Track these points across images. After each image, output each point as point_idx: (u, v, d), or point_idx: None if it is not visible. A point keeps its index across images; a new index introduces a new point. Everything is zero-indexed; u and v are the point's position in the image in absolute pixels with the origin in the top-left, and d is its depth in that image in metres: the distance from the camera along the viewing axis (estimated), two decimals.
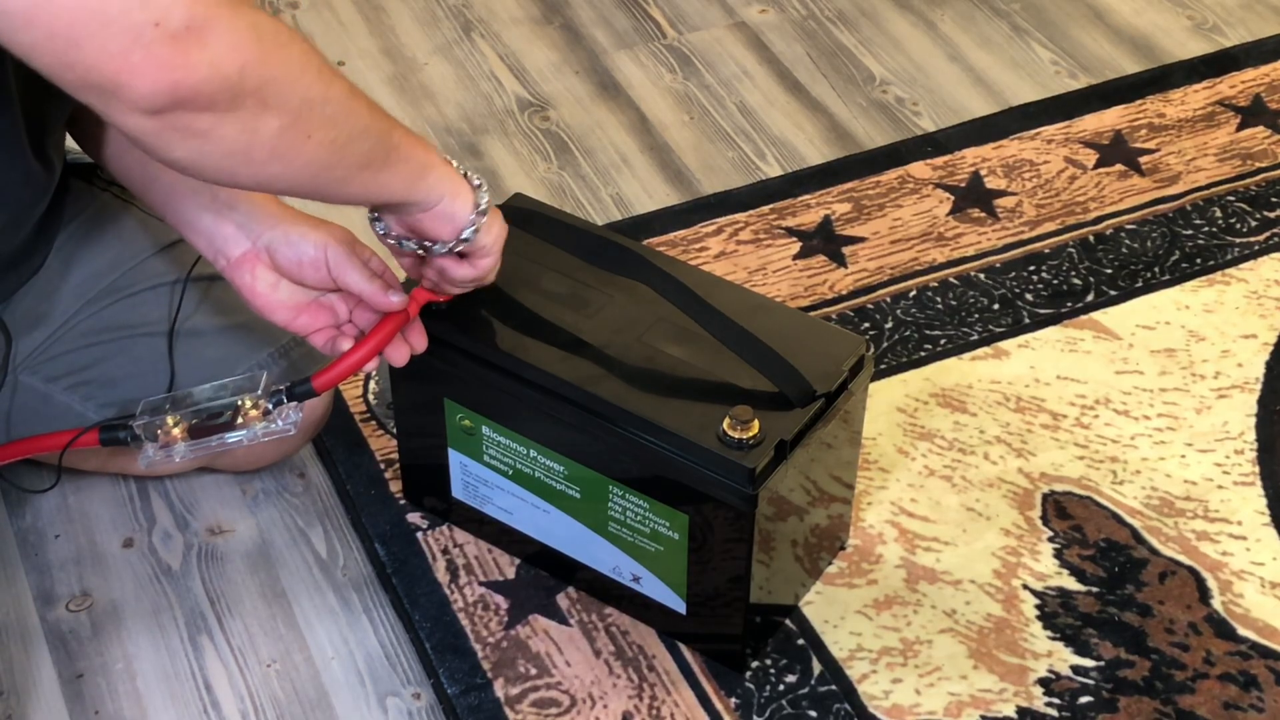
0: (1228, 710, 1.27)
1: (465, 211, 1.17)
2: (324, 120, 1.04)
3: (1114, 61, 1.97)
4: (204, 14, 0.93)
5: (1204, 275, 1.65)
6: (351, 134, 1.07)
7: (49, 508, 1.42)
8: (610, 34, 2.02)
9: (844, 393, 1.24)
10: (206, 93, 0.96)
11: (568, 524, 1.30)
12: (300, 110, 1.02)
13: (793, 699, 1.27)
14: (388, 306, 1.21)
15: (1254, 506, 1.42)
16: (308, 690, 1.29)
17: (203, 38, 0.93)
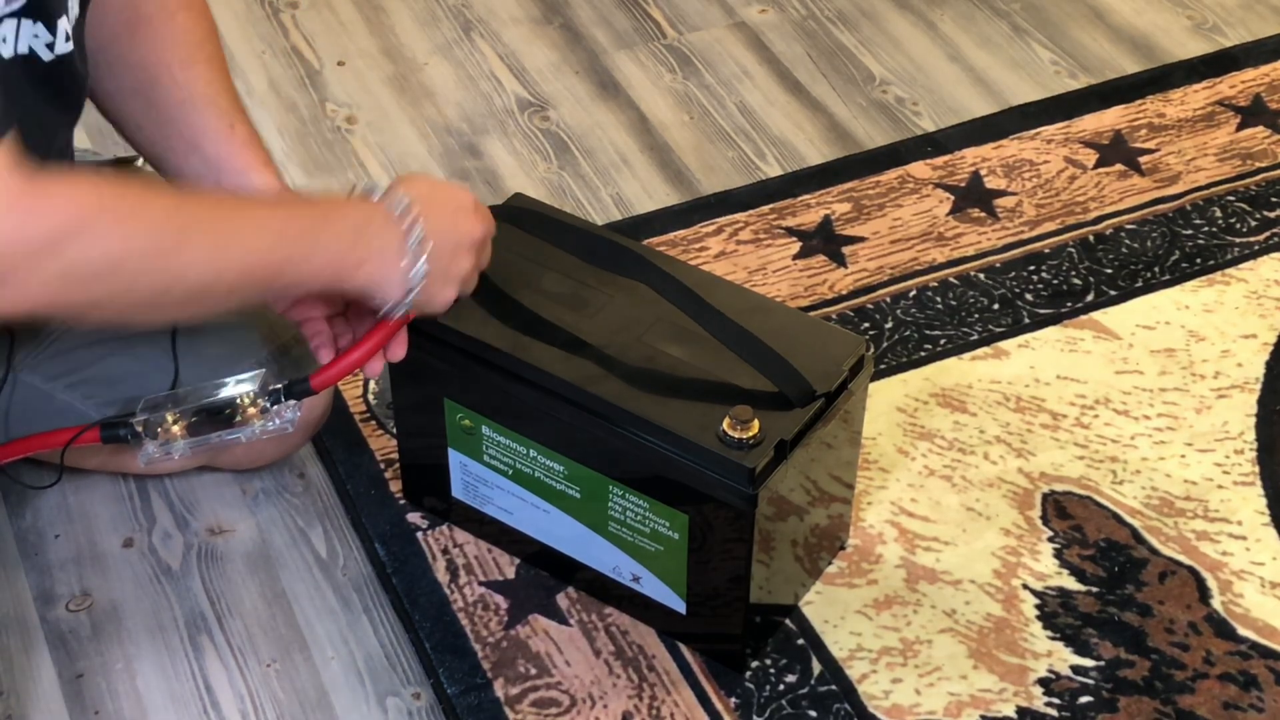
0: (1228, 710, 1.27)
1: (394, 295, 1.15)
2: (164, 305, 1.07)
3: (1114, 61, 1.97)
4: (1, 265, 0.96)
5: (1204, 275, 1.65)
6: (209, 301, 1.09)
7: (49, 507, 1.42)
8: (610, 34, 2.02)
9: (844, 393, 1.24)
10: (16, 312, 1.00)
11: (568, 524, 1.30)
12: (127, 308, 1.06)
13: (793, 699, 1.27)
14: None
15: (1254, 506, 1.42)
16: (307, 690, 1.29)
17: (2, 284, 0.97)
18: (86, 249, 0.99)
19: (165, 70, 1.24)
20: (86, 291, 1.02)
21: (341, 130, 1.86)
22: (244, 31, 2.01)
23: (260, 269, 1.09)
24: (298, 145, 1.83)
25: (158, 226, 1.03)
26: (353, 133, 1.86)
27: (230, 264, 1.06)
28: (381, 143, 1.84)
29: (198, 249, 1.05)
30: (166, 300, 1.06)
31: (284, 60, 1.97)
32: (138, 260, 1.02)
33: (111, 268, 1.01)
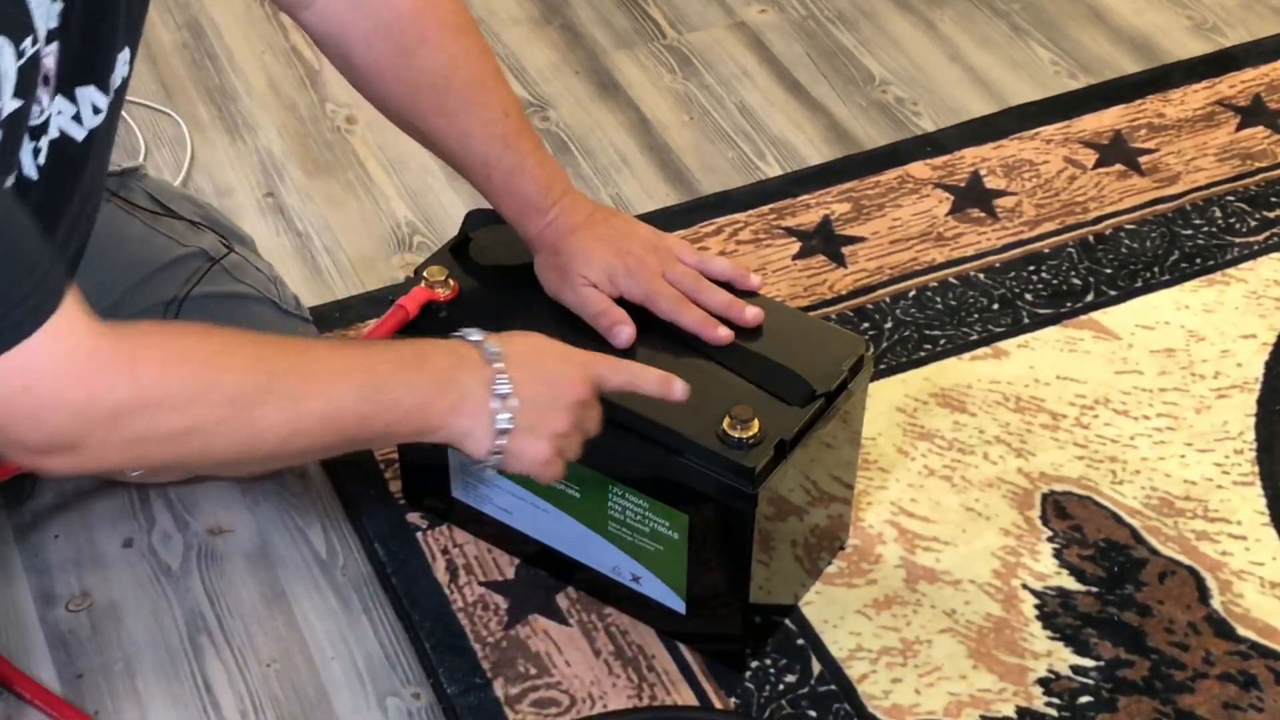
0: (1227, 710, 1.27)
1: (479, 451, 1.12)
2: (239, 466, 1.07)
3: (1114, 61, 1.97)
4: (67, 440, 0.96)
5: (1204, 275, 1.65)
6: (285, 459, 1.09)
7: (49, 508, 1.42)
8: (610, 34, 2.02)
9: (844, 392, 1.24)
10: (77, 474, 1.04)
11: (567, 524, 1.30)
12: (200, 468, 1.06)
13: (792, 699, 1.27)
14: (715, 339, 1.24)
15: (1254, 506, 1.42)
16: (307, 690, 1.29)
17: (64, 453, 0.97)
18: (158, 416, 0.97)
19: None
20: (161, 454, 1.00)
21: (341, 130, 1.86)
22: (244, 31, 2.01)
23: (342, 422, 1.05)
24: (297, 145, 1.83)
25: (234, 388, 1.00)
26: (352, 133, 1.86)
27: (310, 421, 1.03)
28: (381, 143, 1.84)
29: (276, 408, 1.02)
30: (246, 459, 1.05)
31: (284, 60, 1.97)
32: (212, 425, 0.99)
33: (185, 433, 0.99)
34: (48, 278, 0.94)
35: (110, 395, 0.95)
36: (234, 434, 1.01)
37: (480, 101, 1.26)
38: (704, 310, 1.26)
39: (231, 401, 1.00)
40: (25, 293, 0.92)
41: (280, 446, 1.03)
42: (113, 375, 0.95)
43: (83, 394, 0.95)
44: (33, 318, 0.92)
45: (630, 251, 1.26)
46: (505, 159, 1.26)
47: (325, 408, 1.04)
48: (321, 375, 1.04)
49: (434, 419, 1.09)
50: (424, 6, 1.25)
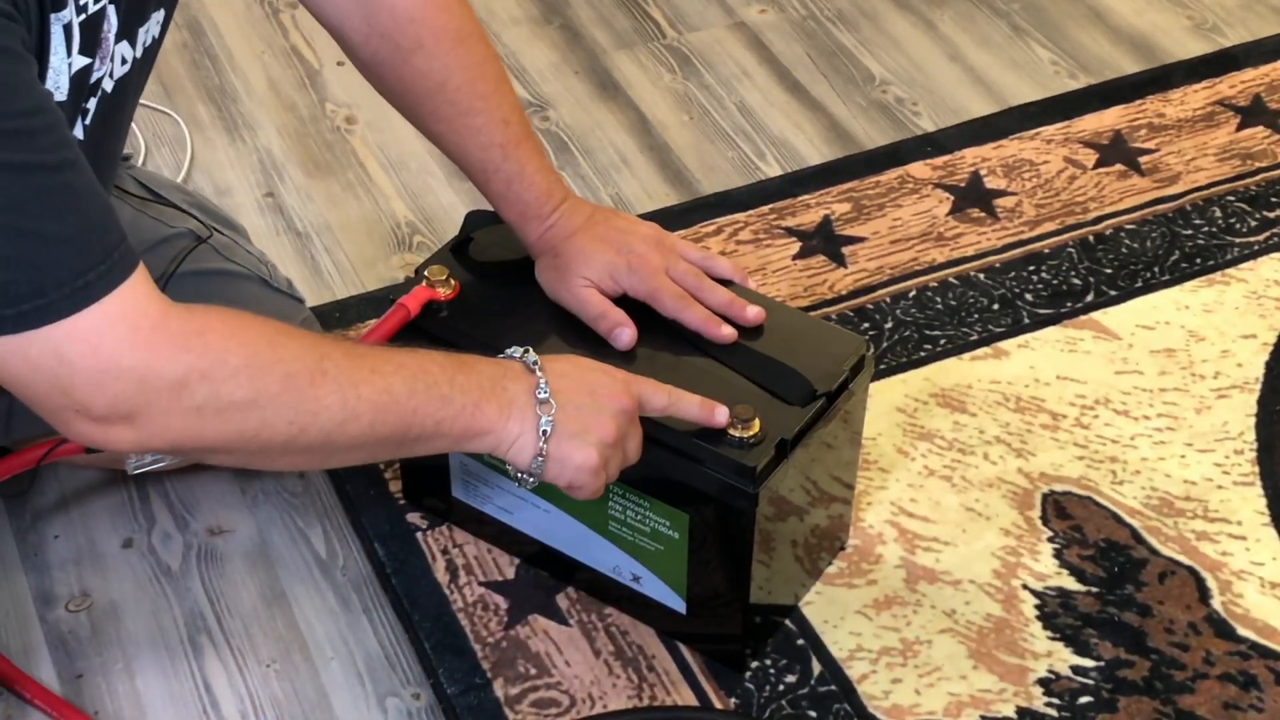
0: (1228, 710, 1.27)
1: (523, 459, 1.12)
2: (293, 452, 1.05)
3: (1114, 61, 1.97)
4: (128, 411, 0.97)
5: (1204, 275, 1.65)
6: (338, 450, 1.06)
7: (49, 508, 1.42)
8: (610, 34, 2.02)
9: (844, 392, 1.24)
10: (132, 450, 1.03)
11: (568, 524, 1.29)
12: (256, 453, 1.04)
13: (793, 699, 1.27)
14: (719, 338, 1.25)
15: (1254, 506, 1.42)
16: (307, 690, 1.29)
17: (127, 424, 0.98)
18: (220, 386, 0.98)
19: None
20: (219, 430, 1.00)
21: (341, 130, 1.86)
22: (244, 31, 2.01)
23: (396, 412, 1.06)
24: (297, 145, 1.83)
25: (293, 364, 1.02)
26: (352, 133, 1.86)
27: (364, 406, 1.04)
28: (381, 143, 1.84)
29: (332, 389, 1.03)
30: (298, 444, 1.04)
31: (284, 60, 1.97)
32: (271, 398, 1.00)
33: (245, 405, 1.00)
34: (121, 247, 0.96)
35: (175, 363, 0.96)
36: (292, 411, 1.01)
37: (477, 109, 1.26)
38: (706, 308, 1.26)
39: (291, 376, 1.01)
40: (99, 257, 0.94)
41: (334, 431, 1.03)
42: (178, 344, 0.97)
43: (147, 360, 0.96)
44: (105, 282, 0.94)
45: (633, 249, 1.27)
46: (505, 167, 1.27)
47: (378, 395, 1.04)
48: (375, 365, 1.06)
49: (483, 421, 1.09)
50: (423, 13, 1.25)
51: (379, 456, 1.12)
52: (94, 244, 0.95)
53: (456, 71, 1.26)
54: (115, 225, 0.97)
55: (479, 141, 1.27)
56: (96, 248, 0.95)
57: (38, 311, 0.92)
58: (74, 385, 0.95)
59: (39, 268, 0.92)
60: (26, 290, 0.92)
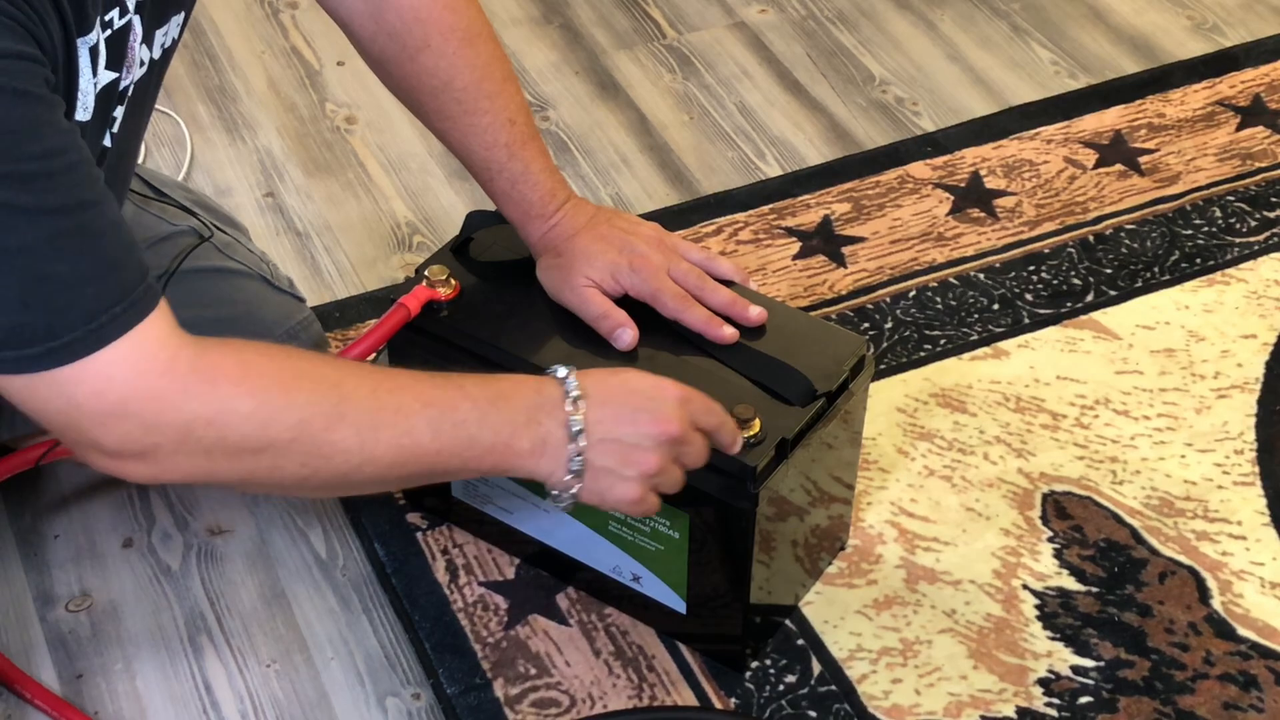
0: (1228, 710, 1.27)
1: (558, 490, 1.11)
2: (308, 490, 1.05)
3: (1114, 61, 1.97)
4: (139, 448, 0.98)
5: (1204, 275, 1.65)
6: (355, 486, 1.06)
7: (49, 508, 1.42)
8: (610, 34, 2.02)
9: (844, 392, 1.24)
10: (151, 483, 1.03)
11: (568, 524, 1.29)
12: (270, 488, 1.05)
13: (793, 699, 1.27)
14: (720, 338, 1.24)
15: (1254, 506, 1.42)
16: (307, 690, 1.29)
17: (142, 459, 0.98)
18: (228, 432, 0.98)
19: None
20: (231, 470, 1.01)
21: (341, 130, 1.86)
22: (244, 31, 2.01)
23: (417, 454, 1.04)
24: (297, 145, 1.83)
25: (307, 409, 1.00)
26: (352, 133, 1.86)
27: (382, 450, 1.03)
28: (381, 143, 1.84)
29: (348, 434, 1.01)
30: (312, 483, 1.04)
31: (284, 60, 1.97)
32: (284, 445, 1.00)
33: (255, 450, 0.99)
34: (140, 287, 0.96)
35: (179, 410, 0.97)
36: (304, 455, 1.01)
37: (483, 109, 1.26)
38: (708, 308, 1.26)
39: (304, 423, 1.00)
40: (115, 299, 0.94)
41: (351, 473, 1.03)
42: (185, 391, 0.97)
43: (152, 407, 0.96)
44: (119, 324, 0.94)
45: (635, 249, 1.27)
46: (510, 166, 1.27)
47: (399, 439, 1.03)
48: (398, 406, 1.04)
49: (513, 459, 1.08)
50: (430, 12, 1.25)
51: (409, 485, 1.12)
52: (110, 286, 0.95)
53: (463, 70, 1.26)
54: (136, 263, 0.97)
55: (484, 140, 1.27)
56: (114, 290, 0.95)
57: (50, 354, 0.93)
58: (82, 426, 0.97)
59: (53, 311, 0.93)
60: (40, 333, 0.93)
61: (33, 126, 0.90)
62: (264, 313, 1.38)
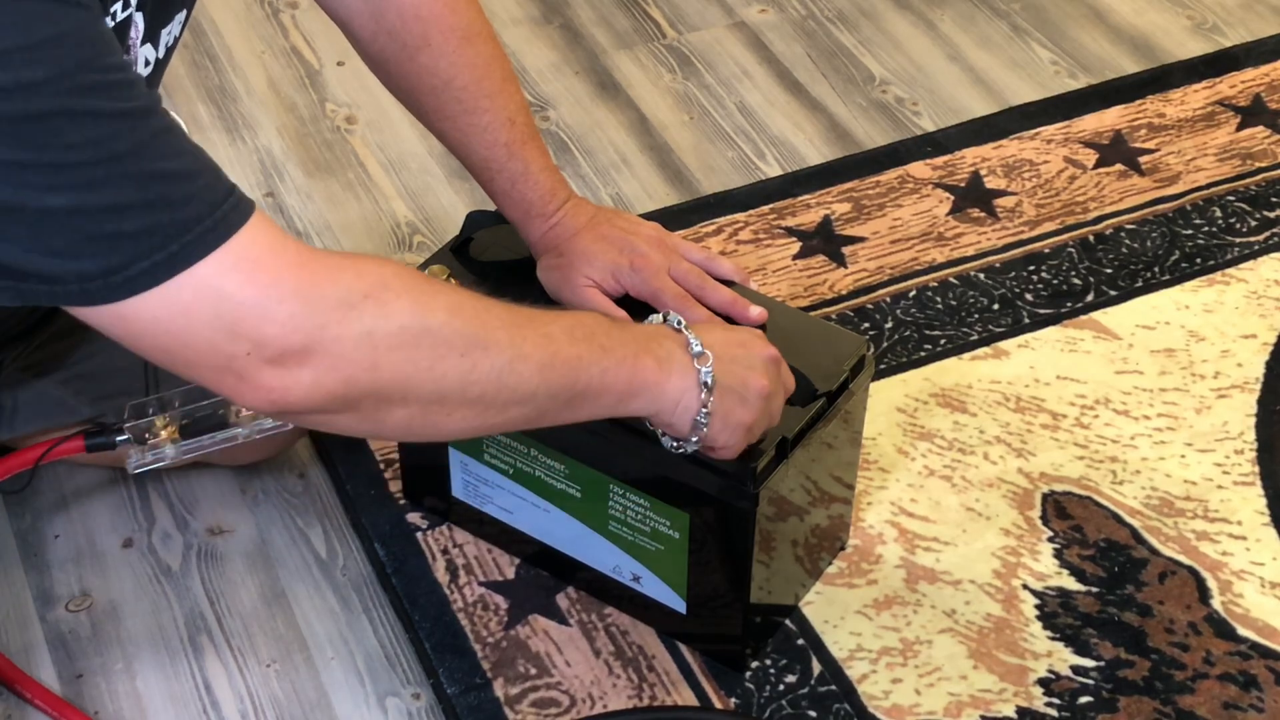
0: (1228, 710, 1.27)
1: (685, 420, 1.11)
2: (468, 400, 1.00)
3: (1114, 61, 1.97)
4: (301, 340, 0.92)
5: (1204, 275, 1.65)
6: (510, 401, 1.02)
7: (49, 508, 1.42)
8: (610, 34, 2.02)
9: (845, 392, 1.24)
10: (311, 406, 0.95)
11: (568, 523, 1.30)
12: (432, 401, 0.99)
13: (793, 699, 1.27)
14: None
15: (1254, 506, 1.42)
16: (307, 690, 1.29)
17: (302, 360, 0.93)
18: (387, 307, 0.95)
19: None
20: (393, 364, 0.95)
21: (341, 130, 1.86)
22: (244, 31, 2.01)
23: (559, 359, 1.03)
24: (297, 145, 1.83)
25: (454, 296, 1.00)
26: (352, 133, 1.86)
27: (529, 348, 1.01)
28: (381, 142, 1.84)
29: (496, 324, 1.00)
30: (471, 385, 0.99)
31: (284, 60, 1.97)
32: (440, 326, 0.97)
33: (416, 333, 0.96)
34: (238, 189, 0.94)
35: (335, 282, 0.93)
36: (463, 341, 0.98)
37: (483, 108, 1.27)
38: (708, 308, 1.26)
39: (456, 308, 0.99)
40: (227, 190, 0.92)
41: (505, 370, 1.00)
42: (332, 266, 0.94)
43: (307, 279, 0.92)
44: (238, 213, 0.92)
45: (635, 249, 1.27)
46: (510, 165, 1.27)
47: (541, 339, 1.02)
48: (530, 314, 1.04)
49: (645, 373, 1.08)
50: (431, 11, 1.25)
51: (549, 415, 1.06)
52: (219, 178, 0.92)
53: (463, 70, 1.26)
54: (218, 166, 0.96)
55: (484, 140, 1.27)
56: (223, 181, 0.92)
57: (185, 250, 0.89)
58: (240, 318, 0.91)
59: (175, 205, 0.89)
60: (171, 231, 0.89)
61: (107, 39, 0.89)
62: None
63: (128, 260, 0.88)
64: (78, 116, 0.86)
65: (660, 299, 1.25)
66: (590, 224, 1.28)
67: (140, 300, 0.90)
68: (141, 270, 0.89)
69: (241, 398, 0.94)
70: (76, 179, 0.86)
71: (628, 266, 1.26)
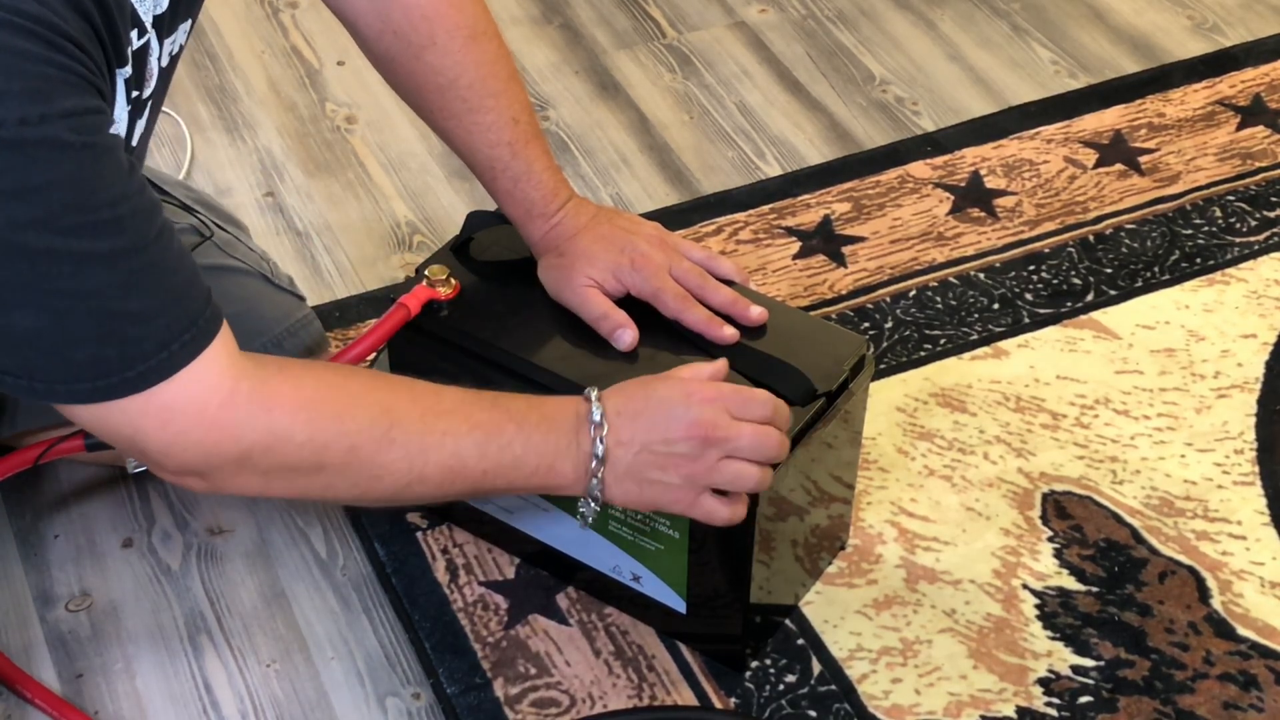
0: (1228, 710, 1.27)
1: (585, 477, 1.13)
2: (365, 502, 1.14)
3: (1114, 61, 1.97)
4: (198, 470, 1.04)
5: (1204, 275, 1.65)
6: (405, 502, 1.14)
7: (48, 507, 1.42)
8: (610, 34, 2.02)
9: (845, 392, 1.24)
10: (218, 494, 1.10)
11: (568, 523, 1.29)
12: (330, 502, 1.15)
13: (792, 699, 1.27)
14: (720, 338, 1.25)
15: (1254, 506, 1.42)
16: (307, 690, 1.29)
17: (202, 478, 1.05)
18: (284, 457, 1.04)
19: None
20: (287, 488, 1.08)
21: (341, 130, 1.86)
22: (244, 31, 2.01)
23: (464, 475, 1.09)
24: (297, 145, 1.83)
25: (359, 436, 1.06)
26: (352, 133, 1.86)
27: (431, 470, 1.08)
28: (381, 142, 1.84)
29: (398, 457, 1.07)
30: (366, 499, 1.12)
31: (283, 60, 1.97)
32: (336, 467, 1.06)
33: (310, 471, 1.05)
34: (206, 312, 1.01)
35: (238, 441, 1.03)
36: (356, 476, 1.07)
37: (487, 107, 1.27)
38: (708, 308, 1.26)
39: (356, 449, 1.06)
40: (184, 327, 0.99)
41: (401, 492, 1.09)
42: (243, 423, 1.03)
43: (213, 437, 1.02)
44: (188, 351, 0.99)
45: (636, 248, 1.27)
46: (513, 165, 1.27)
47: (447, 460, 1.08)
48: (448, 427, 1.09)
49: (556, 479, 1.12)
50: (436, 10, 1.26)
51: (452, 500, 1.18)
52: (179, 316, 0.99)
53: (468, 69, 1.26)
54: (200, 289, 1.02)
55: (488, 139, 1.28)
56: (182, 319, 0.99)
57: (125, 384, 0.98)
58: (148, 449, 1.02)
59: (127, 343, 0.97)
60: (115, 364, 0.97)
61: (102, 176, 0.94)
62: (264, 310, 1.38)
63: (71, 378, 0.98)
64: (55, 254, 0.92)
65: (661, 298, 1.25)
66: (591, 224, 1.28)
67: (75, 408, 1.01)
68: (83, 389, 0.98)
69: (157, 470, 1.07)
70: (44, 305, 0.94)
71: (629, 266, 1.26)
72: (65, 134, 0.90)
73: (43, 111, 0.89)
